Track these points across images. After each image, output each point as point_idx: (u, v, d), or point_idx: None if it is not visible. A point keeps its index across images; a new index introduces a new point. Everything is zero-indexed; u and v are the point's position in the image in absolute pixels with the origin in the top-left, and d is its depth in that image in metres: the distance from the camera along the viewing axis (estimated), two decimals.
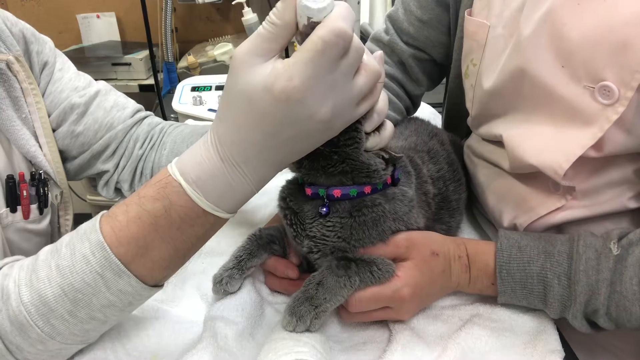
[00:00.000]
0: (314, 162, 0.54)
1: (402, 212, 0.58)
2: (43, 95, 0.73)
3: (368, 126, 0.53)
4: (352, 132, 0.52)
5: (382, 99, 0.53)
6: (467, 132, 0.83)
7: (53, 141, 0.73)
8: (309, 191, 0.57)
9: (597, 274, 0.54)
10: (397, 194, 0.58)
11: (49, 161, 0.71)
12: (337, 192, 0.56)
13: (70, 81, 0.76)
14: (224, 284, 0.60)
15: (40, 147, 0.71)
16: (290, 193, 0.61)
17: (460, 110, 0.80)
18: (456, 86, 0.82)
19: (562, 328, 0.60)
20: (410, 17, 0.86)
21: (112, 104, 0.79)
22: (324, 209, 0.56)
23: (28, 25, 0.75)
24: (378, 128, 0.54)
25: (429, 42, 0.87)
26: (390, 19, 0.91)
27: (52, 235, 0.74)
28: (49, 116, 0.73)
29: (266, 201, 0.83)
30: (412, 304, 0.59)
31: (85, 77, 0.79)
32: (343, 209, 0.57)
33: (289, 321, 0.54)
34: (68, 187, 0.76)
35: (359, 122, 0.52)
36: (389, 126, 0.55)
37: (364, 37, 1.88)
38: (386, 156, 0.56)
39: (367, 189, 0.56)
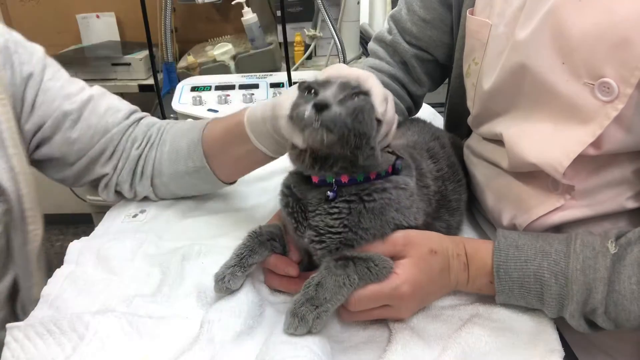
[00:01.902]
0: (331, 167, 0.57)
1: (404, 204, 0.59)
2: (33, 106, 0.73)
3: (379, 137, 0.57)
4: (369, 151, 0.55)
5: (390, 109, 0.58)
6: (469, 132, 0.83)
7: (22, 152, 0.72)
8: (315, 179, 0.58)
9: (595, 273, 0.54)
10: (400, 182, 0.60)
11: (15, 175, 0.70)
12: (344, 178, 0.57)
13: (62, 89, 0.76)
14: (226, 282, 0.60)
15: (10, 158, 0.70)
16: (294, 182, 0.62)
17: (461, 110, 0.80)
18: (458, 86, 0.82)
19: (561, 328, 0.60)
20: (413, 17, 0.86)
21: (105, 108, 0.79)
22: (332, 193, 0.57)
23: (16, 36, 0.74)
24: None
25: (432, 42, 0.87)
26: (393, 18, 0.91)
27: (9, 251, 0.73)
28: (43, 125, 0.73)
29: (266, 200, 0.83)
30: (411, 301, 0.59)
31: (77, 83, 0.80)
32: (349, 192, 0.58)
33: (290, 323, 0.53)
34: (36, 202, 0.75)
35: (373, 139, 0.55)
36: (393, 129, 0.60)
37: (363, 38, 1.88)
38: (389, 151, 0.60)
39: (373, 175, 0.58)
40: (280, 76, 1.49)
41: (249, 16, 1.64)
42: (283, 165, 0.95)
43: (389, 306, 0.58)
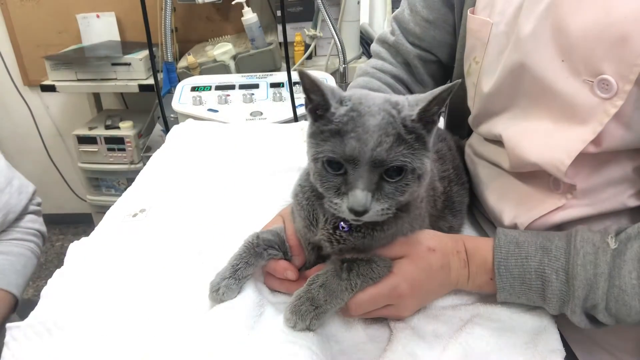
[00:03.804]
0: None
1: (414, 216, 0.59)
2: None
3: None
4: None
5: None
6: (469, 132, 0.83)
7: None
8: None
9: (595, 269, 0.54)
10: (417, 201, 0.59)
11: None
12: None
13: None
14: (220, 294, 0.60)
15: None
16: (307, 200, 0.60)
17: (462, 110, 0.81)
18: (459, 86, 0.83)
19: (561, 327, 0.60)
20: (416, 18, 0.86)
21: None
22: (346, 227, 0.57)
23: None
24: None
25: (435, 43, 0.87)
26: (396, 19, 0.91)
27: None
28: None
29: (268, 200, 0.83)
30: (411, 300, 0.59)
31: None
32: (366, 225, 0.56)
33: (289, 318, 0.55)
34: None
35: None
36: None
37: (363, 38, 1.88)
38: None
39: None
40: (280, 76, 1.50)
41: (249, 16, 1.65)
42: (284, 165, 0.95)
43: (389, 305, 0.58)
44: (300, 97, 1.41)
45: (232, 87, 1.46)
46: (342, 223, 0.56)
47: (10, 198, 1.00)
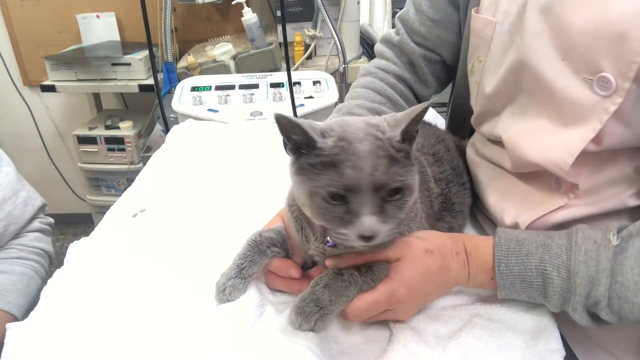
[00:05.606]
0: None
1: (408, 217, 0.59)
2: None
3: None
4: None
5: None
6: (471, 132, 0.83)
7: None
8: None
9: (597, 265, 0.54)
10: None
11: None
12: None
13: None
14: (227, 294, 0.60)
15: None
16: (296, 219, 0.61)
17: (465, 111, 0.81)
18: (462, 86, 0.83)
19: (561, 326, 0.60)
20: (421, 17, 0.87)
21: None
22: (331, 241, 0.57)
23: None
24: None
25: (439, 42, 0.87)
26: (401, 19, 0.91)
27: None
28: None
29: (267, 201, 0.83)
30: (409, 303, 0.58)
31: None
32: None
33: (293, 320, 0.55)
34: None
35: None
36: None
37: (363, 38, 1.88)
38: None
39: None
40: (280, 76, 1.49)
41: (249, 16, 1.65)
42: (284, 165, 0.95)
43: (389, 310, 0.58)
44: (300, 97, 1.41)
45: (232, 87, 1.46)
46: (327, 238, 0.57)
47: (14, 209, 0.99)
